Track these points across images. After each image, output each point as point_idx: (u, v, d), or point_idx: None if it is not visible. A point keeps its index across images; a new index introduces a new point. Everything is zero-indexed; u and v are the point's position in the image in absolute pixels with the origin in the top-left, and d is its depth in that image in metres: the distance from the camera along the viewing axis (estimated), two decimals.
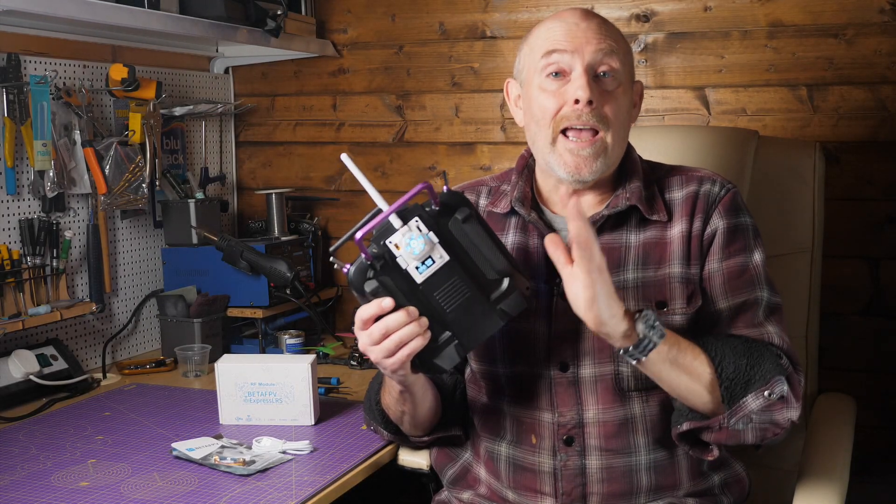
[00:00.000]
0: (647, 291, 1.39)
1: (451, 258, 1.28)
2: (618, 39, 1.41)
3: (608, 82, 1.39)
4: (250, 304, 2.33)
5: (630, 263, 1.41)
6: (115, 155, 2.19)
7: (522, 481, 1.44)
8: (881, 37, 2.10)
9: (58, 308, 2.03)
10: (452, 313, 1.29)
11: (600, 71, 1.38)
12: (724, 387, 1.30)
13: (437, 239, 1.28)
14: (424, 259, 1.27)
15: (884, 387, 2.15)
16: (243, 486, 1.47)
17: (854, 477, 1.55)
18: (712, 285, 1.41)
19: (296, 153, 2.71)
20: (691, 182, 1.45)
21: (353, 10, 2.59)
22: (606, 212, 1.41)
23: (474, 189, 1.58)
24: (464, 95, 2.50)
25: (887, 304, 2.15)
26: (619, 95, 1.39)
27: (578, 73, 1.36)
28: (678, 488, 1.42)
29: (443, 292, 1.28)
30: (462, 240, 1.29)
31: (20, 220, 2.03)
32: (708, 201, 1.42)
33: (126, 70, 2.18)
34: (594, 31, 1.38)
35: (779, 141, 1.98)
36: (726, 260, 1.40)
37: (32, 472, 1.55)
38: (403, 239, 1.27)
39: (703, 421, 1.32)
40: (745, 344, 1.34)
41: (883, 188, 2.14)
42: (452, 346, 1.30)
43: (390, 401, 1.48)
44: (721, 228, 1.41)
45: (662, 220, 1.42)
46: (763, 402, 1.29)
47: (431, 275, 1.28)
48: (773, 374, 1.30)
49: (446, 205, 1.31)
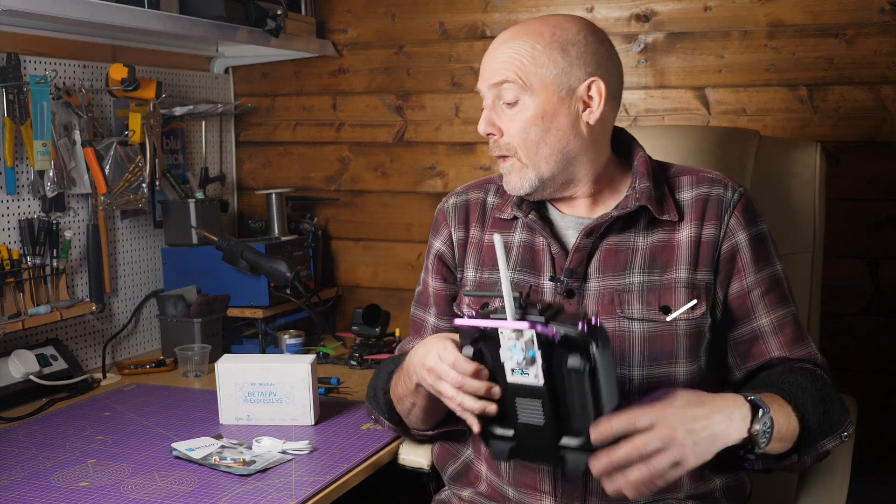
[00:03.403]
0: (652, 295, 1.39)
1: (545, 385, 1.17)
2: (522, 60, 1.38)
3: (508, 109, 1.41)
4: (250, 304, 2.33)
5: (636, 266, 1.41)
6: (115, 155, 2.19)
7: (523, 479, 1.44)
8: (881, 37, 2.10)
9: (58, 308, 2.03)
10: (521, 425, 1.23)
11: (502, 101, 1.40)
12: (804, 437, 1.31)
13: (542, 362, 1.17)
14: (521, 368, 1.19)
15: (884, 387, 2.15)
16: (243, 486, 1.47)
17: (854, 477, 1.55)
18: (752, 300, 1.41)
19: (296, 153, 2.71)
20: (702, 184, 1.45)
21: (353, 10, 2.59)
22: (615, 213, 1.41)
23: (482, 186, 1.58)
24: (464, 95, 2.49)
25: (887, 304, 2.15)
26: (523, 120, 1.39)
27: (484, 106, 1.42)
28: (678, 490, 1.42)
29: (523, 403, 1.21)
30: (567, 378, 1.18)
31: (20, 220, 2.03)
32: (720, 207, 1.42)
33: (126, 70, 2.17)
34: (494, 60, 1.40)
35: (779, 141, 1.98)
36: (759, 273, 1.42)
37: (32, 472, 1.55)
38: (509, 341, 1.18)
39: (779, 463, 1.33)
40: (814, 385, 1.35)
41: (883, 188, 2.14)
42: (507, 445, 1.24)
43: (403, 391, 1.45)
44: (744, 241, 1.41)
45: (673, 219, 1.42)
46: (837, 443, 1.36)
47: (521, 383, 1.20)
48: (845, 417, 1.37)
49: (576, 341, 1.15)
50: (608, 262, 1.41)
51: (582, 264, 1.41)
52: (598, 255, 1.42)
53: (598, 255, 1.42)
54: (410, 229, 2.59)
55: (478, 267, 1.51)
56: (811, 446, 1.34)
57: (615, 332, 1.38)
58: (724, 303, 1.43)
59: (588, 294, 1.40)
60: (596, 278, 1.41)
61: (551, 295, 1.42)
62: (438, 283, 1.57)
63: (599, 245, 1.42)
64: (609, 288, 1.40)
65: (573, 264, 1.41)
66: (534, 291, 1.44)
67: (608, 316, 1.39)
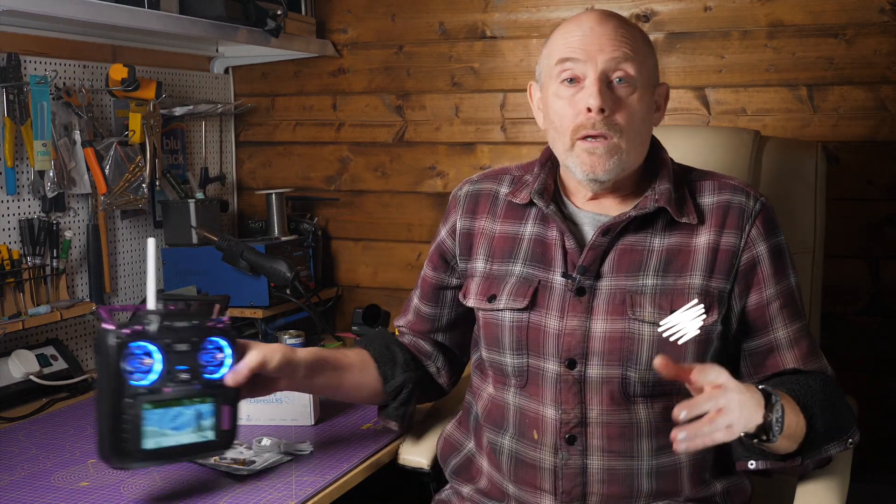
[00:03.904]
0: (664, 299, 1.38)
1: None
2: (636, 44, 1.40)
3: (622, 89, 1.38)
4: (250, 304, 2.33)
5: (651, 269, 1.40)
6: (115, 155, 2.19)
7: (523, 476, 1.44)
8: (881, 37, 2.10)
9: (58, 308, 2.03)
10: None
11: (614, 77, 1.38)
12: (810, 439, 1.32)
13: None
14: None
15: (884, 387, 2.15)
16: (243, 486, 1.47)
17: (854, 477, 1.55)
18: (770, 313, 1.42)
19: (296, 153, 2.71)
20: (724, 190, 1.44)
21: (353, 10, 2.59)
22: (633, 213, 1.41)
23: (497, 177, 1.58)
24: (464, 95, 2.50)
25: (887, 304, 2.15)
26: (633, 102, 1.38)
27: (591, 81, 1.37)
28: (679, 494, 1.42)
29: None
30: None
31: (20, 220, 2.03)
32: (742, 216, 1.42)
33: (126, 70, 2.18)
34: (609, 37, 1.38)
35: (779, 141, 1.98)
36: (778, 285, 1.42)
37: (32, 472, 1.55)
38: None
39: (780, 463, 1.34)
40: (824, 390, 1.36)
41: (883, 188, 2.14)
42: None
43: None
44: (764, 253, 1.41)
45: (692, 222, 1.41)
46: (842, 448, 1.38)
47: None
48: (851, 424, 1.38)
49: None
50: (622, 262, 1.40)
51: (595, 262, 1.40)
52: (612, 255, 1.41)
53: (613, 254, 1.41)
54: (410, 229, 2.59)
55: (488, 258, 1.52)
56: (816, 449, 1.34)
57: (624, 334, 1.37)
58: (742, 313, 1.42)
59: (599, 293, 1.40)
60: (609, 277, 1.40)
61: (562, 291, 1.42)
62: (429, 270, 1.62)
63: (615, 244, 1.42)
64: (621, 288, 1.39)
65: (587, 262, 1.40)
66: (543, 287, 1.43)
67: (618, 317, 1.38)
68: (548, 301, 1.42)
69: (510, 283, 1.46)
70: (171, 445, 1.34)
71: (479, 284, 1.51)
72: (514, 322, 1.44)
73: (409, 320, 1.67)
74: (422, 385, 1.63)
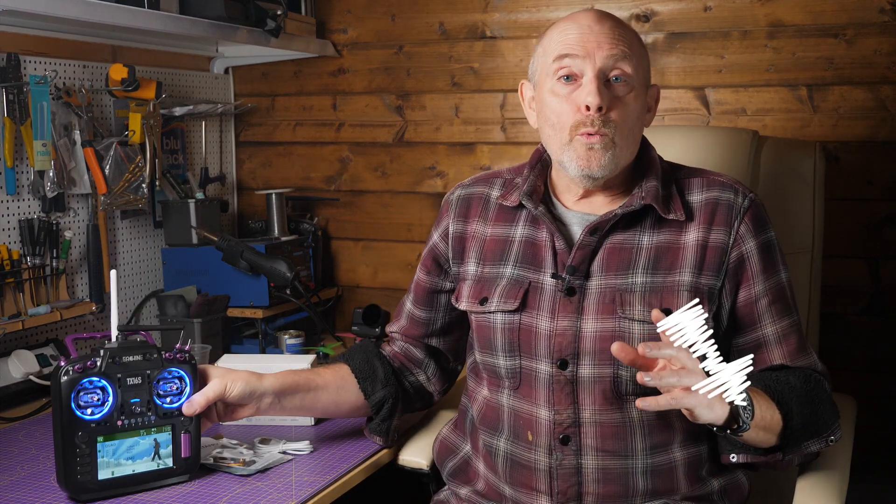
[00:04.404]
0: (654, 297, 1.38)
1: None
2: (632, 43, 1.41)
3: (619, 87, 1.39)
4: (250, 304, 2.33)
5: (640, 267, 1.40)
6: (115, 155, 2.19)
7: (519, 477, 1.44)
8: (881, 37, 2.10)
9: (58, 308, 2.03)
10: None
11: (612, 76, 1.38)
12: (787, 434, 1.33)
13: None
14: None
15: (884, 387, 2.15)
16: (243, 486, 1.47)
17: (854, 477, 1.55)
18: (759, 309, 1.42)
19: (296, 153, 2.71)
20: (713, 187, 1.44)
21: (353, 10, 2.59)
22: (620, 211, 1.41)
23: (488, 181, 1.58)
24: (464, 95, 2.50)
25: (887, 304, 2.15)
26: (629, 101, 1.39)
27: (589, 79, 1.37)
28: (675, 492, 1.42)
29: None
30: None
31: (20, 221, 2.03)
32: (730, 212, 1.42)
33: (126, 70, 2.18)
34: (607, 35, 1.38)
35: (779, 141, 1.98)
36: (767, 281, 1.42)
37: (32, 472, 1.55)
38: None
39: (760, 457, 1.35)
40: (804, 386, 1.37)
41: (883, 188, 2.14)
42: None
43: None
44: (753, 249, 1.41)
45: (679, 219, 1.41)
46: (823, 445, 1.38)
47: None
48: (833, 421, 1.38)
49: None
50: (612, 261, 1.40)
51: (585, 262, 1.41)
52: (601, 254, 1.41)
53: (602, 253, 1.41)
54: (410, 229, 2.59)
55: (479, 261, 1.52)
56: (795, 445, 1.35)
57: (615, 333, 1.37)
58: (731, 310, 1.42)
59: (589, 293, 1.40)
60: (598, 277, 1.40)
61: (552, 292, 1.42)
62: (422, 273, 1.62)
63: (604, 243, 1.42)
64: (611, 287, 1.39)
65: (576, 261, 1.40)
66: (534, 288, 1.44)
67: (608, 316, 1.38)
68: (538, 302, 1.42)
69: (501, 285, 1.47)
70: (128, 474, 1.41)
71: (471, 287, 1.51)
72: (506, 324, 1.44)
73: (403, 325, 1.66)
74: (405, 398, 1.63)
